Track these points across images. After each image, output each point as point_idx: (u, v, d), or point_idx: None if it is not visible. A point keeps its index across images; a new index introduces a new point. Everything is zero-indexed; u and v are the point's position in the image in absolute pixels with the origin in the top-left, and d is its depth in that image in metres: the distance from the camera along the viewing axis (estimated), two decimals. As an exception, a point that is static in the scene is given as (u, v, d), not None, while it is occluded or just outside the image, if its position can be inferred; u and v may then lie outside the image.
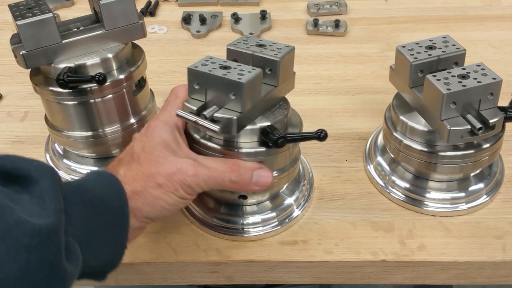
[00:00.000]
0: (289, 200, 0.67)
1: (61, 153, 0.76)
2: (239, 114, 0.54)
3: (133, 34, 0.67)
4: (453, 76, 0.58)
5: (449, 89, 0.56)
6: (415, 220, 0.66)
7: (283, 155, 0.60)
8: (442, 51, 0.62)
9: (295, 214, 0.67)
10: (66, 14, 1.08)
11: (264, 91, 0.58)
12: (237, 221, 0.65)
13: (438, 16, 1.04)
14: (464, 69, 0.59)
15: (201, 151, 0.59)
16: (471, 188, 0.67)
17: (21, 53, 0.62)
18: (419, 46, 0.63)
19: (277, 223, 0.66)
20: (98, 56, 0.65)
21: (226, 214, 0.66)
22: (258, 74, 0.55)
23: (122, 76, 0.66)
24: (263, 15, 1.03)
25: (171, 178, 0.54)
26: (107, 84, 0.64)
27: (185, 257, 0.64)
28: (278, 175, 0.61)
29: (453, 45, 0.63)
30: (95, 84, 0.63)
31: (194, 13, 1.06)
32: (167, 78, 0.91)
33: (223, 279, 0.65)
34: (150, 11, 1.08)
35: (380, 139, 0.73)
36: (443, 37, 0.64)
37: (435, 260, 0.62)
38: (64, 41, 0.63)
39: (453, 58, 0.62)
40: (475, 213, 0.67)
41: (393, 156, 0.68)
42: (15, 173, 0.46)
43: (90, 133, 0.69)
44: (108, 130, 0.69)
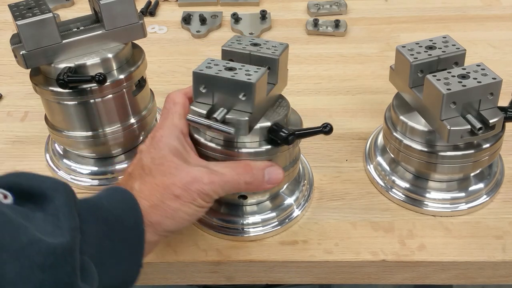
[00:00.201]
0: (289, 200, 0.67)
1: (61, 153, 0.76)
2: (249, 115, 0.54)
3: (133, 34, 0.67)
4: (453, 76, 0.58)
5: (449, 89, 0.56)
6: (415, 220, 0.66)
7: (283, 155, 0.60)
8: (442, 51, 0.62)
9: (295, 214, 0.67)
10: (66, 14, 1.08)
11: (267, 89, 0.58)
12: (237, 221, 0.65)
13: (438, 16, 1.04)
14: (464, 69, 0.59)
15: (201, 152, 0.59)
16: (471, 188, 0.67)
17: (21, 53, 0.62)
18: (419, 46, 0.63)
19: (277, 223, 0.66)
20: (98, 56, 0.65)
21: (226, 214, 0.66)
22: (265, 73, 0.55)
23: (122, 76, 0.66)
24: (263, 15, 1.03)
25: (187, 188, 0.53)
26: (107, 84, 0.64)
27: (185, 257, 0.64)
28: (278, 175, 0.61)
29: (453, 45, 0.63)
30: (95, 84, 0.63)
31: (194, 13, 1.06)
32: (167, 78, 0.91)
33: (223, 279, 0.65)
34: (150, 11, 1.08)
35: (380, 139, 0.73)
36: (443, 37, 0.64)
37: (435, 260, 0.62)
38: (64, 41, 0.63)
39: (453, 58, 0.62)
40: (475, 213, 0.67)
41: (393, 156, 0.68)
42: (29, 191, 0.46)
43: (90, 133, 0.68)
44: (108, 130, 0.69)
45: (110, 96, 0.66)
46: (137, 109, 0.71)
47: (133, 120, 0.70)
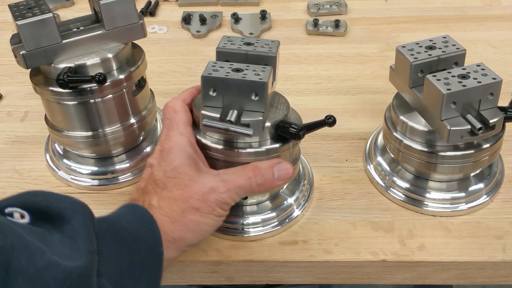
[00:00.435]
0: (289, 200, 0.67)
1: (61, 153, 0.76)
2: (262, 114, 0.54)
3: (133, 34, 0.67)
4: (453, 76, 0.58)
5: (449, 89, 0.56)
6: (415, 220, 0.66)
7: (283, 155, 0.60)
8: (442, 51, 0.62)
9: (295, 214, 0.67)
10: (66, 14, 1.08)
11: None
12: (237, 221, 0.65)
13: (438, 16, 1.04)
14: (464, 69, 0.59)
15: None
16: (471, 188, 0.67)
17: (21, 53, 0.62)
18: (419, 46, 0.63)
19: (277, 223, 0.66)
20: (98, 56, 0.65)
21: (226, 214, 0.66)
22: (271, 72, 0.55)
23: (122, 76, 0.66)
24: (263, 15, 1.03)
25: (206, 199, 0.53)
26: (107, 84, 0.64)
27: (185, 257, 0.63)
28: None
29: (453, 45, 0.63)
30: (95, 84, 0.63)
31: (194, 13, 1.06)
32: (167, 78, 0.91)
33: (223, 279, 0.65)
34: (150, 11, 1.08)
35: (380, 139, 0.73)
36: (443, 37, 0.64)
37: (435, 260, 0.62)
38: (64, 41, 0.63)
39: (453, 58, 0.62)
40: (475, 213, 0.67)
41: (393, 156, 0.68)
42: (47, 211, 0.45)
43: (90, 133, 0.68)
44: (108, 130, 0.69)
45: (110, 96, 0.66)
46: (137, 109, 0.71)
47: (133, 120, 0.70)
